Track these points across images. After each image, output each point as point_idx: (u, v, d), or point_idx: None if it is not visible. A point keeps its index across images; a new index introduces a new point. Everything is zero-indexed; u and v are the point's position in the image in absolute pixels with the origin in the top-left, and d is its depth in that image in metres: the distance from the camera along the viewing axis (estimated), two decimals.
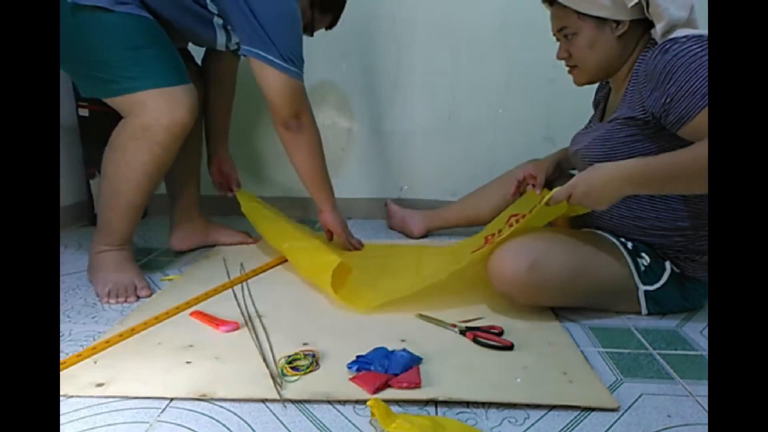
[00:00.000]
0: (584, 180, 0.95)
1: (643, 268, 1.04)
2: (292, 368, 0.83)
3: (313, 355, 0.86)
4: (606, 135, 1.04)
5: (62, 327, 1.01)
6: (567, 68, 1.12)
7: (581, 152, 1.11)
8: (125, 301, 1.13)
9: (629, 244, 1.06)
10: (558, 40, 1.10)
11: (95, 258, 1.20)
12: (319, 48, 1.81)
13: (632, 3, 0.96)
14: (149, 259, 1.41)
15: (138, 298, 1.15)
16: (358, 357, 0.84)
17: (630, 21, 1.00)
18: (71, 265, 1.33)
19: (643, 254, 1.05)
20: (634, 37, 1.02)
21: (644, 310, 1.07)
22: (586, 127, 1.24)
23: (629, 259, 1.04)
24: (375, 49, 1.80)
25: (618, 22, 1.00)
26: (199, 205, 1.51)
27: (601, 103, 1.21)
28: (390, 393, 0.77)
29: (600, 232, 1.11)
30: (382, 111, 1.86)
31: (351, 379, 0.80)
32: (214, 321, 1.00)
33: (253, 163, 1.92)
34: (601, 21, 1.01)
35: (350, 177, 1.90)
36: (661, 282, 1.05)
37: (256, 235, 1.52)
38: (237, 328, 0.98)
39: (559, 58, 1.11)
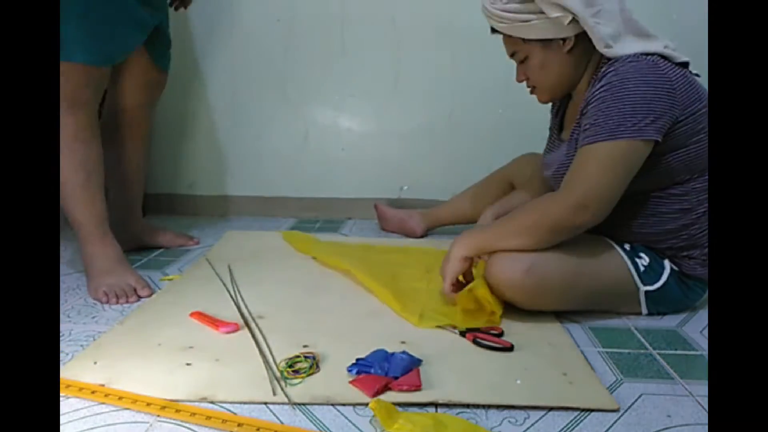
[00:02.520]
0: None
1: (642, 269, 1.04)
2: (293, 371, 0.83)
3: (313, 358, 0.86)
4: (568, 162, 1.04)
5: (62, 327, 1.01)
6: (528, 89, 1.12)
7: (553, 177, 1.13)
8: (126, 301, 1.13)
9: (626, 245, 1.06)
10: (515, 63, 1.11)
11: (85, 264, 1.19)
12: (319, 47, 1.81)
13: (567, 21, 0.97)
14: (149, 259, 1.41)
15: (139, 297, 1.14)
16: (357, 360, 0.84)
17: (576, 35, 1.00)
18: (71, 265, 1.32)
19: (642, 254, 1.06)
20: (585, 49, 1.03)
21: (644, 311, 1.07)
22: (549, 141, 1.24)
23: (628, 261, 1.04)
24: (375, 49, 1.80)
25: (564, 39, 1.01)
26: (139, 206, 1.47)
27: (560, 111, 1.21)
28: (390, 396, 0.77)
29: (597, 236, 1.09)
30: (382, 111, 1.86)
31: (351, 382, 0.80)
32: (214, 322, 1.00)
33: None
34: (546, 42, 1.02)
35: (350, 177, 1.90)
36: (662, 281, 1.05)
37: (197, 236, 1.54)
38: (237, 329, 0.98)
39: (518, 81, 1.12)
